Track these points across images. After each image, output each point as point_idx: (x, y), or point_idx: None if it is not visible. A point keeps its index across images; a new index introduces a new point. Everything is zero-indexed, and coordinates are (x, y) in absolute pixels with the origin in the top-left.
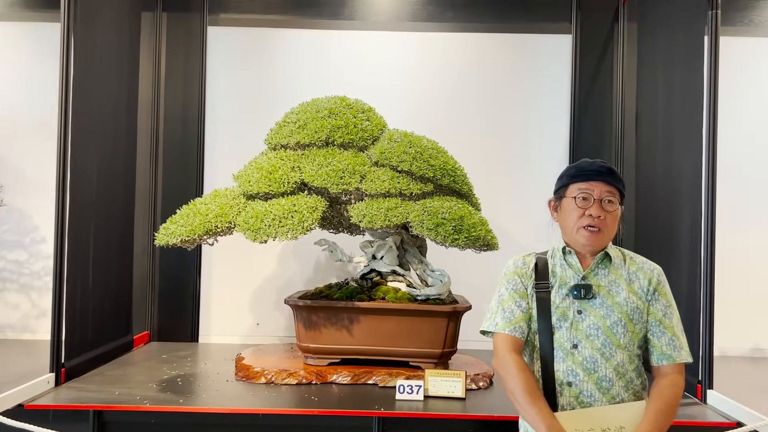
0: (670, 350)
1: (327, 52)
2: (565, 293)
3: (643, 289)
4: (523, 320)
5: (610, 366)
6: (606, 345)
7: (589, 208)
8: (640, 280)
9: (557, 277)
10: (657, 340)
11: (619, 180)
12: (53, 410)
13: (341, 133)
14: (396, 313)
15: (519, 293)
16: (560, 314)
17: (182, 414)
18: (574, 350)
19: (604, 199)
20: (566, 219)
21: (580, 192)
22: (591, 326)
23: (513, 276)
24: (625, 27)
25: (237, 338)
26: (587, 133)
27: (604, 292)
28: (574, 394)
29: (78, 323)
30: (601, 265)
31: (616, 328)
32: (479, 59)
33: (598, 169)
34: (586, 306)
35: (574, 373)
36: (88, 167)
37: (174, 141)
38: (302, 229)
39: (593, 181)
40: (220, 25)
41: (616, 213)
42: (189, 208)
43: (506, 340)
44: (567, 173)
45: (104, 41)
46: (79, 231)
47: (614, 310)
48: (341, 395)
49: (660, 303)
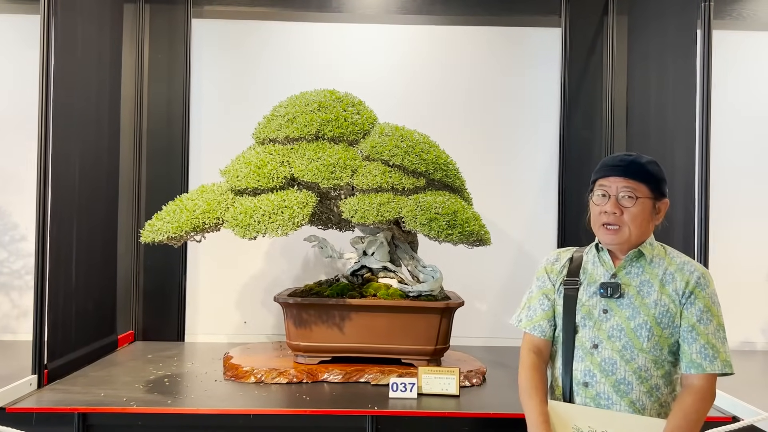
0: (700, 359)
1: (314, 45)
2: (593, 291)
3: (678, 291)
4: (544, 319)
5: (629, 369)
6: (627, 347)
7: (605, 205)
8: (677, 281)
9: (588, 273)
10: (687, 347)
11: (640, 172)
12: (36, 413)
13: (331, 126)
14: (388, 310)
15: (545, 290)
16: (585, 312)
17: (171, 415)
18: (593, 350)
19: (620, 194)
20: (592, 216)
21: (599, 188)
22: (614, 327)
23: (542, 273)
24: (615, 20)
25: (224, 337)
26: (577, 127)
27: (633, 292)
28: (590, 395)
29: (61, 323)
30: (634, 263)
31: (640, 331)
32: (469, 52)
33: (615, 163)
34: (613, 305)
35: (591, 374)
36: (69, 163)
37: (158, 135)
38: (292, 225)
39: (610, 176)
40: (204, 17)
41: (640, 209)
42: (175, 204)
43: (526, 339)
44: (594, 169)
45: (85, 33)
46: (61, 228)
47: (641, 312)
48: (333, 394)
49: (695, 307)
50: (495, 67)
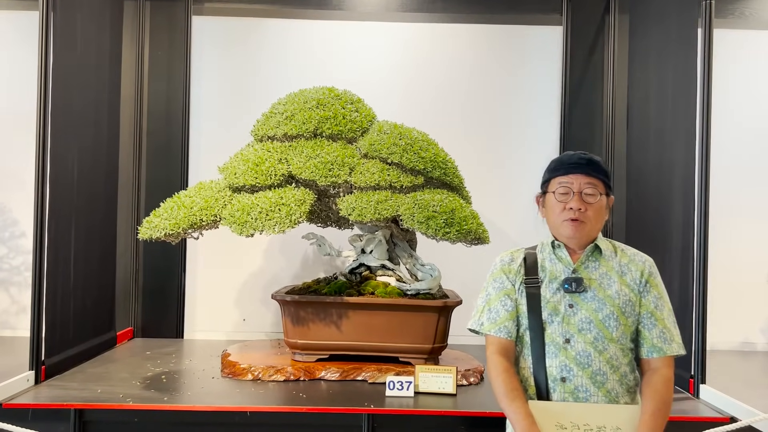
0: (661, 342)
1: (314, 42)
2: (556, 287)
3: (636, 281)
4: (509, 319)
5: (603, 359)
6: (599, 338)
7: (570, 201)
8: (632, 272)
9: (547, 271)
10: (648, 333)
11: (600, 170)
12: (32, 409)
13: (330, 124)
14: (386, 308)
15: (505, 291)
16: (551, 309)
17: (167, 412)
18: (566, 345)
19: (584, 191)
20: (550, 214)
21: (560, 186)
22: (583, 320)
23: (500, 274)
24: (617, 18)
25: (222, 334)
26: (577, 126)
27: (595, 285)
28: (569, 390)
29: (59, 319)
30: (591, 257)
31: (609, 322)
32: (469, 51)
33: (577, 161)
34: (578, 300)
35: (568, 368)
36: (68, 160)
37: (158, 132)
38: (290, 223)
39: (572, 173)
40: (204, 14)
41: (599, 204)
42: (173, 201)
43: (492, 342)
44: (548, 168)
45: (85, 30)
46: (60, 225)
47: (606, 303)
48: (330, 392)
49: (651, 295)
50: (495, 66)
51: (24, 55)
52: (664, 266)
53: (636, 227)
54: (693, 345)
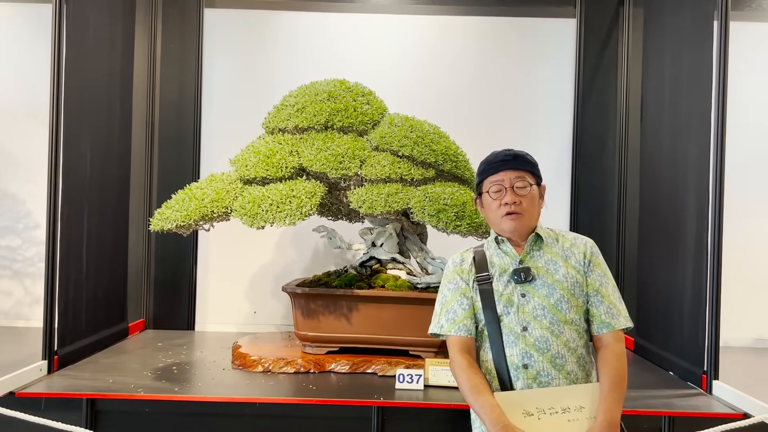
0: (609, 318)
1: (326, 34)
2: (507, 280)
3: (579, 262)
4: (467, 317)
5: (560, 342)
6: (554, 323)
7: (504, 196)
8: (576, 254)
9: (496, 266)
10: (596, 310)
11: (526, 162)
12: (45, 398)
13: (341, 116)
14: (396, 302)
15: (461, 291)
16: (506, 301)
17: (177, 403)
18: (524, 333)
19: (515, 185)
20: (489, 212)
21: (492, 184)
22: (537, 307)
23: (453, 275)
24: (631, 11)
25: (233, 326)
26: (591, 119)
27: (542, 272)
28: (531, 376)
29: (71, 310)
30: (534, 247)
31: (561, 305)
32: (481, 43)
33: (503, 158)
34: (529, 288)
35: (528, 354)
36: (81, 152)
37: (170, 124)
38: (300, 215)
39: (501, 171)
40: (216, 6)
41: (532, 194)
42: (184, 193)
43: (453, 341)
44: (478, 171)
45: (97, 22)
46: (72, 217)
47: (556, 288)
48: (340, 384)
49: (595, 273)
50: (508, 59)
51: (37, 47)
52: (678, 262)
53: (649, 221)
54: (706, 341)
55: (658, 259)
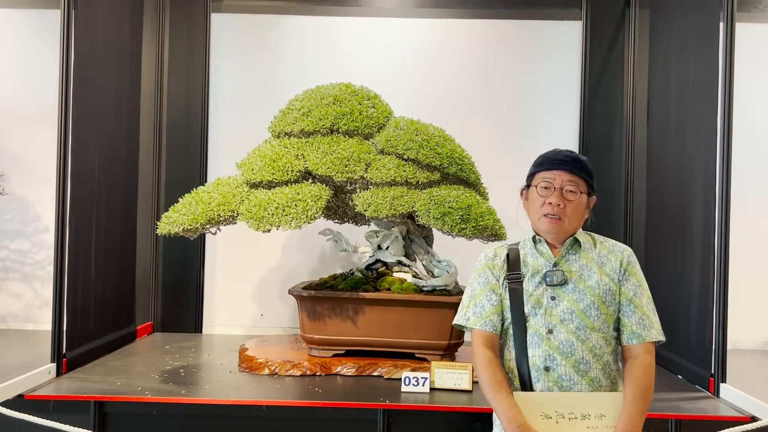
0: (640, 329)
1: (332, 38)
2: (538, 281)
3: (615, 270)
4: (494, 313)
5: (586, 348)
6: (581, 328)
7: (550, 196)
8: (612, 262)
9: (529, 266)
10: (627, 320)
11: (584, 169)
12: (54, 401)
13: (346, 120)
14: (401, 304)
15: (490, 286)
16: (534, 302)
17: (184, 405)
18: (549, 335)
19: (565, 188)
20: (531, 207)
21: (542, 181)
22: (565, 311)
23: (484, 269)
24: (637, 13)
25: (240, 329)
26: (597, 121)
27: (575, 277)
28: (552, 379)
29: (79, 313)
30: (571, 250)
31: (590, 311)
32: (486, 46)
33: (562, 158)
34: (559, 292)
35: (551, 357)
36: (89, 156)
37: (177, 129)
38: (306, 218)
39: (556, 169)
40: (223, 11)
41: (579, 202)
42: (191, 197)
43: (478, 335)
44: (534, 162)
45: (106, 27)
46: (81, 220)
47: (587, 294)
48: (346, 387)
49: (630, 282)
50: (513, 61)
51: (46, 52)
52: (685, 264)
53: (656, 223)
54: (714, 343)
55: (665, 261)
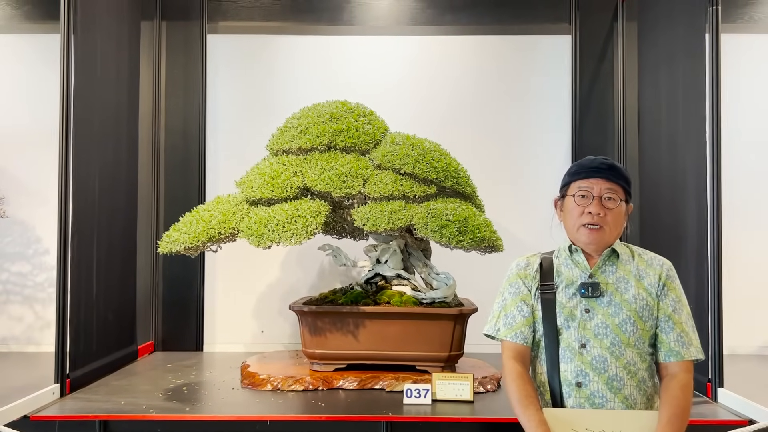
0: (678, 347)
1: (327, 57)
2: (572, 292)
3: (653, 284)
4: (525, 325)
5: (620, 365)
6: (615, 343)
7: (589, 205)
8: (650, 276)
9: (563, 276)
10: (665, 336)
11: (621, 176)
12: (59, 421)
13: (343, 137)
14: (401, 317)
15: (522, 297)
16: (567, 314)
17: (189, 422)
18: (582, 350)
19: (604, 196)
20: (568, 217)
21: (579, 190)
22: (599, 325)
23: (516, 279)
24: (625, 26)
25: (241, 346)
26: (589, 133)
27: (612, 289)
28: (584, 395)
29: (82, 334)
30: (608, 262)
31: (625, 326)
32: (479, 61)
33: (598, 166)
34: (594, 304)
35: (584, 373)
36: (89, 177)
37: (175, 148)
38: (306, 234)
39: (593, 178)
40: (219, 32)
41: (619, 210)
42: (192, 216)
43: (508, 347)
44: (569, 171)
45: (104, 51)
46: (82, 241)
47: (623, 308)
48: (348, 401)
49: (669, 298)
50: (506, 76)
51: (46, 76)
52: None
53: (650, 232)
54: (710, 349)
55: None
